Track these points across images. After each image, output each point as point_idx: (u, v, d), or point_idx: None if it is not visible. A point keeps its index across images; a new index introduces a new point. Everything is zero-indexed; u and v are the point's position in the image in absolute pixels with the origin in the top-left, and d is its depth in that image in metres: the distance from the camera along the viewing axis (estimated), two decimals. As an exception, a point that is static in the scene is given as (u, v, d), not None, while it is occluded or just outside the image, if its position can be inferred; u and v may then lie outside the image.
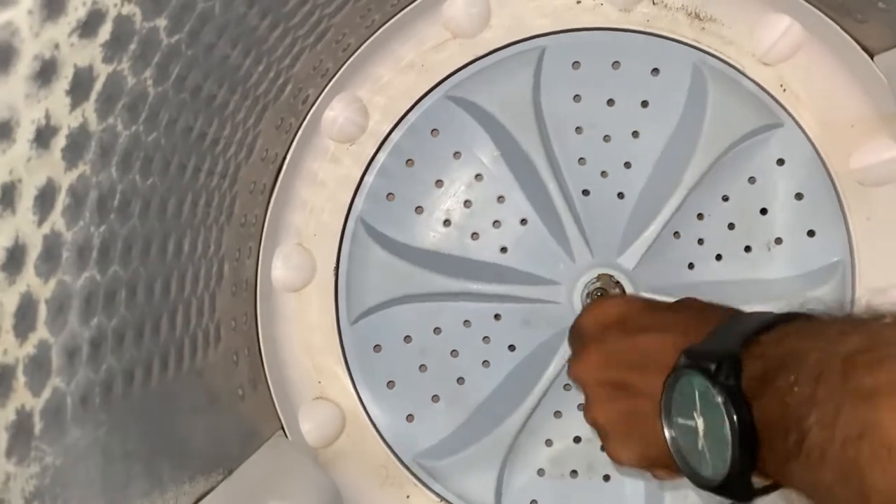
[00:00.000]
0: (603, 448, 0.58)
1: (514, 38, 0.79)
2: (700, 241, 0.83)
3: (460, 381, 0.84)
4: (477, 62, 0.80)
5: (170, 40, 0.46)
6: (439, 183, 0.83)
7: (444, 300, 0.83)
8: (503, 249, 0.84)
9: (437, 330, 0.84)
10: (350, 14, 0.69)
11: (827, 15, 0.73)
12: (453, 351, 0.84)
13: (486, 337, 0.84)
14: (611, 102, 0.82)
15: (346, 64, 0.76)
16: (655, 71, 0.81)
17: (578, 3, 0.79)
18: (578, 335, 0.63)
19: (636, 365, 0.55)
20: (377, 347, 0.84)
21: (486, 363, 0.84)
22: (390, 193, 0.82)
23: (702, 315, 0.54)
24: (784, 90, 0.78)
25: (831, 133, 0.79)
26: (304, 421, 0.81)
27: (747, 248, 0.82)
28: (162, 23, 0.44)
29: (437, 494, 0.83)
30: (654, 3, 0.78)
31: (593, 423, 0.59)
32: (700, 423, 0.47)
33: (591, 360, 0.59)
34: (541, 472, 0.84)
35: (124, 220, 0.48)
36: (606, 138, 0.82)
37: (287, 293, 0.81)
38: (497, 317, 0.84)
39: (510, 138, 0.81)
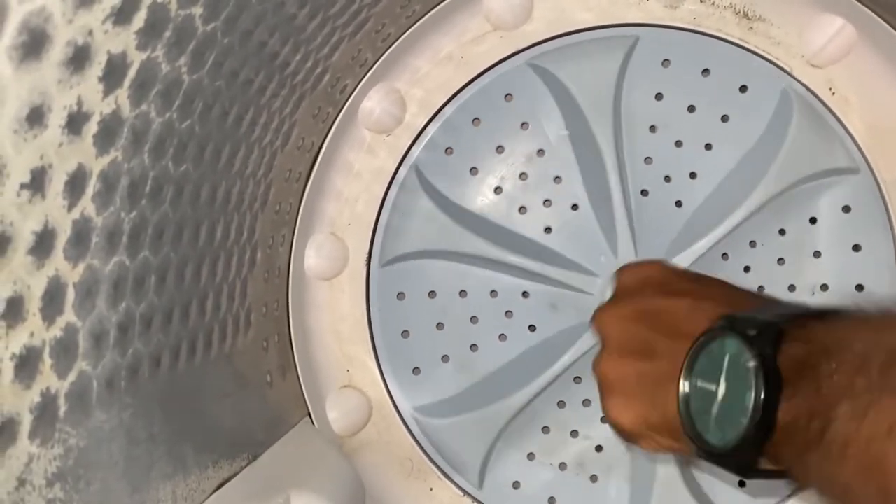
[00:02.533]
0: (601, 403, 0.56)
1: (556, 33, 0.78)
2: (746, 269, 0.81)
3: (473, 347, 0.84)
4: (564, 37, 0.79)
5: (205, 28, 0.46)
6: (500, 149, 0.82)
7: (476, 265, 0.83)
8: (548, 229, 0.83)
9: (462, 293, 0.84)
10: (390, 4, 0.69)
11: (883, 18, 0.71)
12: (473, 317, 0.84)
13: (509, 311, 0.83)
14: (692, 109, 0.80)
15: (385, 54, 0.76)
16: (744, 88, 0.79)
17: (624, -3, 0.78)
18: (615, 291, 0.61)
19: (666, 327, 0.52)
20: (401, 295, 0.83)
21: (503, 336, 0.84)
22: (449, 148, 0.82)
23: (748, 294, 0.52)
24: (833, 93, 0.76)
25: (881, 138, 0.76)
26: (332, 409, 0.82)
27: (791, 287, 0.80)
28: (198, 10, 0.44)
29: (461, 488, 0.83)
30: (700, 0, 0.76)
31: (603, 375, 0.57)
32: (721, 388, 0.45)
33: (622, 311, 0.56)
34: (531, 455, 0.84)
35: (156, 205, 0.49)
36: (678, 143, 0.81)
37: (319, 281, 0.81)
38: (525, 294, 0.83)
39: (583, 120, 0.80)
